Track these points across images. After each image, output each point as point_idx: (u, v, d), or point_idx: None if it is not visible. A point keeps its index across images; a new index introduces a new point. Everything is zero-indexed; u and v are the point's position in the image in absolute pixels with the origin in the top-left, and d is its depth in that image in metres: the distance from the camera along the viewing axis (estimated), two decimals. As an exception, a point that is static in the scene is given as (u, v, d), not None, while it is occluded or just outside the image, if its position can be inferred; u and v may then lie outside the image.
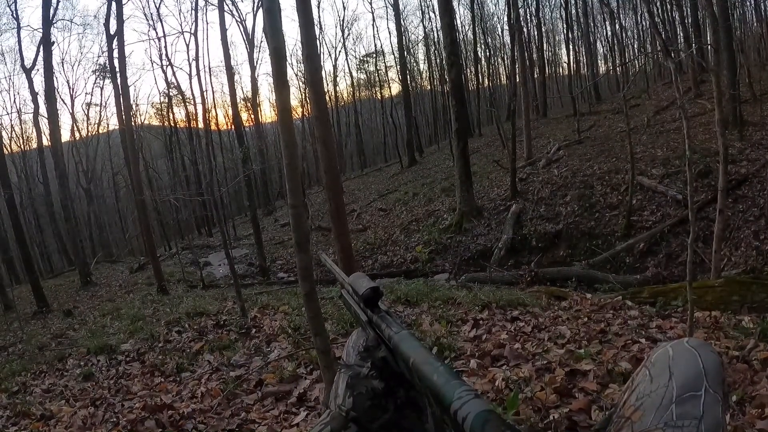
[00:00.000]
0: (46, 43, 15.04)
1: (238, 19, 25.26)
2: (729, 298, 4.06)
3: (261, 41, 26.18)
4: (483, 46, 34.15)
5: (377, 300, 0.82)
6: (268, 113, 38.91)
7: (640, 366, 0.91)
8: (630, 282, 8.26)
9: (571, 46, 34.34)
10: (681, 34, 22.24)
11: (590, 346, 3.07)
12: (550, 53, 38.58)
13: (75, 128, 30.82)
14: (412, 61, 37.23)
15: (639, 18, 31.23)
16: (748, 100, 13.37)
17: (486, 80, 36.90)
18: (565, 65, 40.65)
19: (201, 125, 28.18)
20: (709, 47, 11.93)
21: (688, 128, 3.39)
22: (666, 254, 9.53)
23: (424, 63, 36.92)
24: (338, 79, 36.97)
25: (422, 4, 35.03)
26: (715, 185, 8.44)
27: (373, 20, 50.73)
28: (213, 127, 31.50)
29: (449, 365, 0.62)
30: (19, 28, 20.05)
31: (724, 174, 5.72)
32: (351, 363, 0.86)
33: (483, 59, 34.74)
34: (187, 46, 38.07)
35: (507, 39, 31.01)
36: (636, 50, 33.93)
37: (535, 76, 28.92)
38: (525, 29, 26.81)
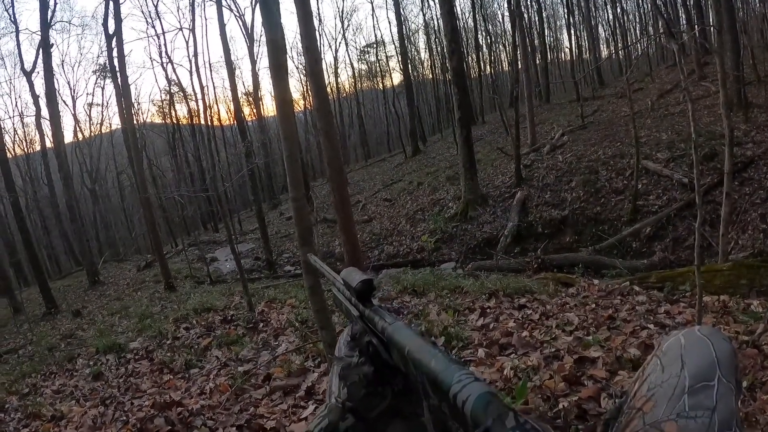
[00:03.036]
0: (45, 45, 15.03)
1: (237, 14, 25.32)
2: (737, 282, 4.02)
3: (261, 35, 26.07)
4: (484, 33, 33.94)
5: (371, 293, 0.80)
6: (270, 107, 38.86)
7: (650, 355, 0.89)
8: (637, 267, 8.24)
9: (572, 31, 34.06)
10: (683, 16, 22.03)
11: (598, 332, 3.05)
12: (551, 38, 38.31)
13: (77, 129, 31.05)
14: (413, 50, 37.12)
15: (640, 1, 30.95)
16: (752, 82, 13.19)
17: (488, 67, 36.72)
18: (567, 50, 40.37)
19: (203, 121, 28.24)
20: (712, 29, 11.79)
21: (693, 111, 3.34)
22: (673, 238, 9.48)
23: (425, 51, 36.78)
24: (339, 70, 36.98)
25: (421, -8, 34.82)
26: (721, 168, 8.37)
27: (373, 10, 50.88)
28: (215, 122, 31.56)
29: (446, 351, 0.60)
30: (17, 31, 20.05)
31: (730, 157, 5.65)
32: (341, 356, 0.86)
33: (484, 46, 34.54)
34: (187, 42, 38.06)
35: (508, 25, 30.82)
36: (638, 33, 33.62)
37: (537, 62, 28.69)
38: (526, 15, 26.63)
